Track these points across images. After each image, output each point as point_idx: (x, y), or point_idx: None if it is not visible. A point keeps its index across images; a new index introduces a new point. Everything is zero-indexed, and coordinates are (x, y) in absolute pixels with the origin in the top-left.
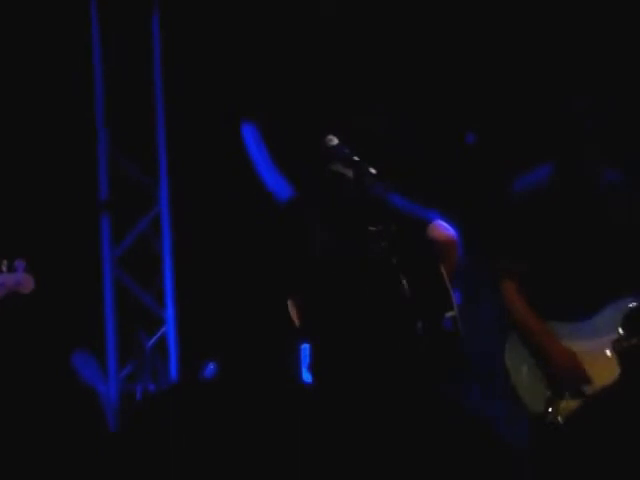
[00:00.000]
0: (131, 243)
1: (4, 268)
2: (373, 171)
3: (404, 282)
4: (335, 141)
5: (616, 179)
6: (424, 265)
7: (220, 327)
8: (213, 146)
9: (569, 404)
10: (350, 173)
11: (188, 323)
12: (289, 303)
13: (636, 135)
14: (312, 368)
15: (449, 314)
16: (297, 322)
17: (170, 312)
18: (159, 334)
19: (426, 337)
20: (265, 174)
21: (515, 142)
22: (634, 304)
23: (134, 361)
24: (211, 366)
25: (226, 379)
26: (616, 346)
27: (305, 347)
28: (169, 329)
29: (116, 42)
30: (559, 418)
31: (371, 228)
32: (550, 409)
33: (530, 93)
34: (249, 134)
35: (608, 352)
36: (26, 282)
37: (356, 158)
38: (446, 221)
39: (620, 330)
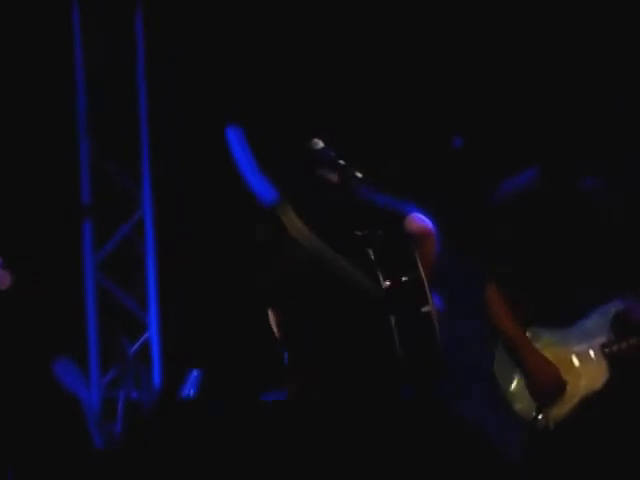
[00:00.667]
0: (114, 247)
1: None
2: (359, 175)
3: (382, 281)
4: (320, 144)
5: (602, 183)
6: (400, 258)
7: (204, 332)
8: (197, 149)
9: (560, 410)
10: (335, 177)
11: (171, 328)
12: (269, 313)
13: (623, 139)
14: (288, 377)
15: (425, 308)
16: (277, 333)
17: (153, 317)
18: (142, 339)
19: (400, 333)
20: (250, 177)
21: (502, 146)
22: (622, 307)
23: (116, 367)
24: (195, 372)
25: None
26: (606, 350)
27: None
28: (152, 334)
29: (98, 43)
30: (550, 425)
31: (357, 233)
32: (541, 416)
33: (517, 96)
34: (233, 137)
35: (598, 356)
36: (3, 278)
37: (342, 162)
38: (423, 213)
39: (609, 334)
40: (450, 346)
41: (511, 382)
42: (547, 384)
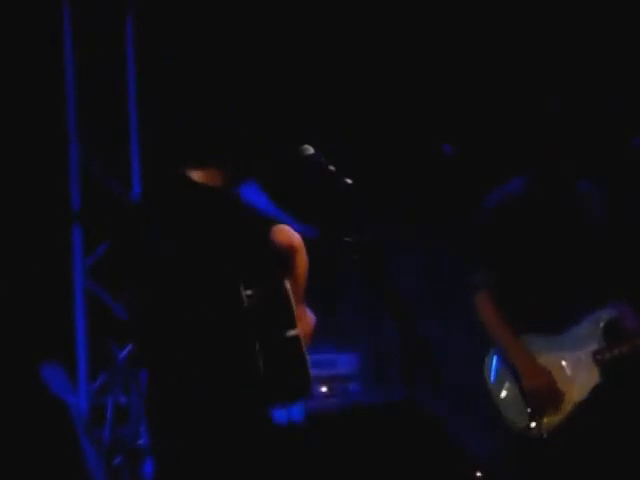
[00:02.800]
0: (103, 253)
1: None
2: (349, 181)
3: (244, 295)
4: (311, 150)
5: (590, 189)
6: (265, 275)
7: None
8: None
9: (552, 418)
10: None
11: None
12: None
13: (607, 142)
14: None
15: (290, 333)
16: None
17: None
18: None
19: (264, 357)
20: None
21: (493, 153)
22: (613, 314)
23: (105, 373)
24: None
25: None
26: (597, 357)
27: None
28: None
29: (89, 45)
30: (543, 433)
31: (346, 239)
32: (533, 424)
33: (506, 102)
34: None
35: (589, 364)
36: None
37: (332, 168)
38: (295, 226)
39: (601, 341)
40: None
41: (502, 390)
42: (544, 391)
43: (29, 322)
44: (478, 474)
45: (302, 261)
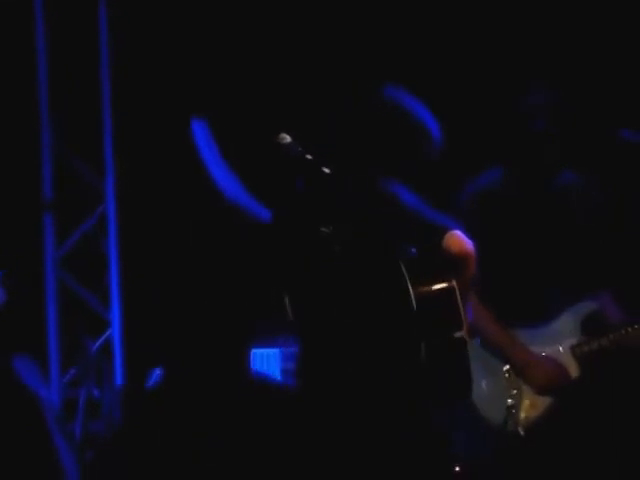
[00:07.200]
0: (75, 242)
1: None
2: (327, 170)
3: (412, 297)
4: (288, 139)
5: (571, 180)
6: (435, 278)
7: (168, 330)
8: (162, 142)
9: (529, 413)
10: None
11: (134, 326)
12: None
13: (593, 133)
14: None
15: (458, 334)
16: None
17: (115, 314)
18: (104, 337)
19: (429, 360)
20: (215, 172)
21: (474, 142)
22: (592, 308)
23: (78, 365)
24: (158, 371)
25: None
26: (576, 351)
27: (258, 352)
28: (114, 332)
29: (62, 32)
30: (519, 429)
31: (323, 229)
32: (510, 420)
33: (486, 92)
34: (199, 131)
35: (568, 358)
36: None
37: (309, 157)
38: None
39: (580, 334)
40: None
41: (480, 387)
42: (552, 374)
43: None
44: (457, 468)
45: (472, 268)
